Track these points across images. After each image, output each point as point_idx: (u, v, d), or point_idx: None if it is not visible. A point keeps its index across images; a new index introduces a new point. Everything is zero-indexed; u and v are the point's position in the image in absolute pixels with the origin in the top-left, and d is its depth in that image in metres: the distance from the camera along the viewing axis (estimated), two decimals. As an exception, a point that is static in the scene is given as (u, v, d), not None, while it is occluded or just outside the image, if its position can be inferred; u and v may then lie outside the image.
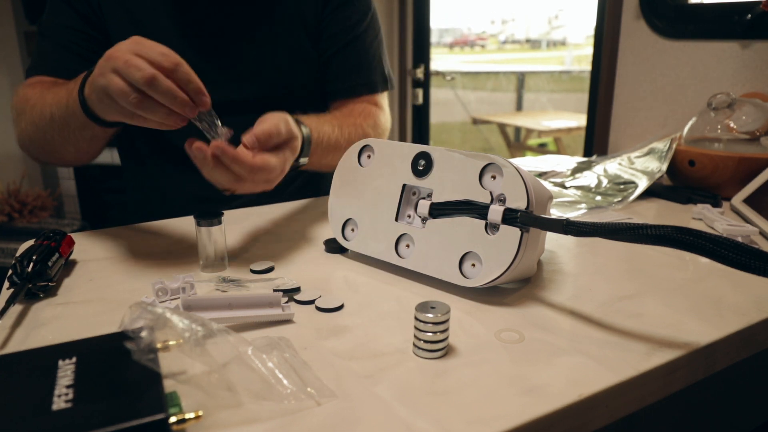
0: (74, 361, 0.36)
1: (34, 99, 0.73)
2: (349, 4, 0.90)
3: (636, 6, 1.31)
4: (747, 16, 1.12)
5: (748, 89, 1.15)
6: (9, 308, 0.49)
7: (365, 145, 0.63)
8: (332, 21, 0.89)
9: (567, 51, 9.55)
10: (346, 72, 0.92)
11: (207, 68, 0.85)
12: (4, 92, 2.72)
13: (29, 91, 0.76)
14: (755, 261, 0.39)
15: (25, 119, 0.74)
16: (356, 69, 0.92)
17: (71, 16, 0.81)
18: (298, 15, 0.88)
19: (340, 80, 0.92)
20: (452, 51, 10.72)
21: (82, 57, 0.81)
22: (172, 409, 0.33)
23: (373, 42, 0.93)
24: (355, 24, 0.90)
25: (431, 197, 0.57)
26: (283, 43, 0.87)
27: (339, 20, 0.89)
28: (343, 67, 0.92)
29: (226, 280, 0.57)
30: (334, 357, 0.43)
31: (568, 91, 7.07)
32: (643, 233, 0.43)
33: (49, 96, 0.70)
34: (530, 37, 10.66)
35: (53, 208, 2.69)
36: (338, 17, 0.89)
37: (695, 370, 0.46)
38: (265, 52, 0.87)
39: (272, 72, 0.88)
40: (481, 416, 0.36)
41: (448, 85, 6.10)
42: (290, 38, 0.88)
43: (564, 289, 0.56)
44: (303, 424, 0.35)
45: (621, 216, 0.82)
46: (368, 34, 0.92)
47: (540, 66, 8.60)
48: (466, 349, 0.44)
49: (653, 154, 0.99)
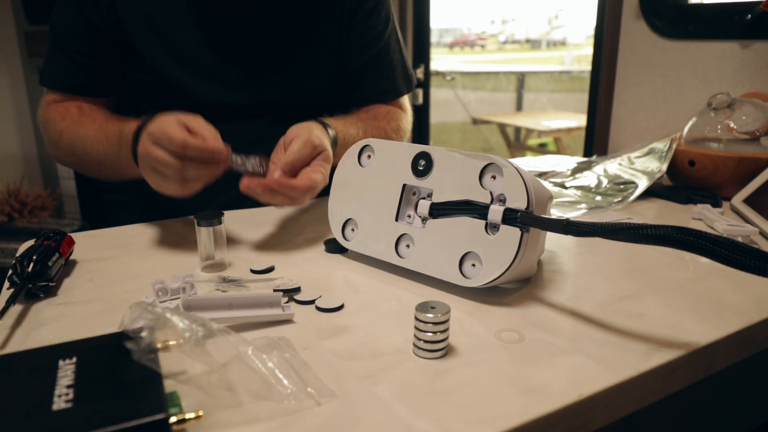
0: (74, 361, 0.36)
1: (63, 126, 0.79)
2: (374, 13, 0.90)
3: (636, 6, 1.31)
4: (747, 16, 1.12)
5: (748, 89, 1.15)
6: (9, 308, 0.49)
7: (365, 146, 0.63)
8: (358, 32, 0.89)
9: (567, 51, 9.55)
10: (373, 82, 0.93)
11: (227, 72, 0.85)
12: (4, 92, 2.72)
13: (53, 113, 0.81)
14: (755, 261, 0.39)
15: (57, 145, 0.80)
16: (382, 78, 0.93)
17: (78, 22, 0.80)
18: (323, 22, 0.87)
19: (366, 89, 0.93)
20: (452, 51, 10.72)
21: (90, 68, 0.82)
22: (173, 409, 0.33)
23: (396, 47, 0.94)
24: (379, 34, 0.90)
25: (431, 197, 0.57)
26: (305, 49, 0.87)
27: (364, 31, 0.89)
28: (370, 78, 0.92)
29: (226, 280, 0.57)
30: (334, 357, 0.43)
31: (568, 91, 7.07)
32: (643, 233, 0.43)
33: (85, 135, 0.76)
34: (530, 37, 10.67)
35: (53, 208, 2.69)
36: (363, 28, 0.89)
37: (695, 370, 0.46)
38: (286, 58, 0.86)
39: (293, 77, 0.88)
40: (481, 416, 0.36)
41: (448, 85, 6.11)
42: (313, 44, 0.87)
43: (564, 289, 0.56)
44: (303, 424, 0.35)
45: (621, 216, 0.82)
46: (392, 40, 0.93)
47: (540, 66, 8.61)
48: (466, 349, 0.44)
49: (653, 154, 0.99)
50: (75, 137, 0.77)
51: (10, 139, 2.77)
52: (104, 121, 0.77)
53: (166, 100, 0.85)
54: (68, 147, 0.78)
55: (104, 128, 0.75)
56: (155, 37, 0.81)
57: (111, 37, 0.81)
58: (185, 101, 0.84)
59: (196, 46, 0.82)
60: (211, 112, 0.84)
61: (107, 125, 0.75)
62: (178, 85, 0.83)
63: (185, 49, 0.82)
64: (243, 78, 0.86)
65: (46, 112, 0.83)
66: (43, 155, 2.82)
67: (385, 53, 0.92)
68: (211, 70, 0.84)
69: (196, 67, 0.83)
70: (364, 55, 0.91)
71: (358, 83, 0.93)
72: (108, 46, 0.82)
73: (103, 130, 0.74)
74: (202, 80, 0.84)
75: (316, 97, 0.91)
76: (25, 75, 2.73)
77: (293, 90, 0.89)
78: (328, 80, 0.91)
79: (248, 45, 0.84)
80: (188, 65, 0.83)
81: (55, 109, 0.82)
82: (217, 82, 0.84)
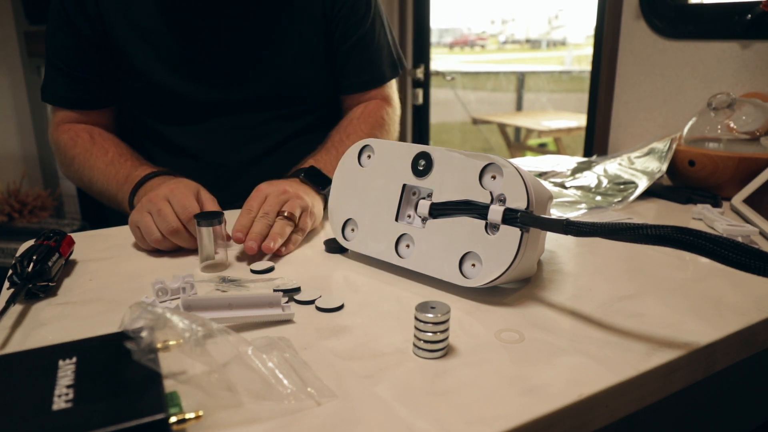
0: (74, 361, 0.36)
1: (74, 153, 0.83)
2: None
3: (636, 6, 1.31)
4: (747, 16, 1.12)
5: (748, 89, 1.15)
6: (9, 308, 0.49)
7: (365, 145, 0.63)
8: (341, 19, 0.89)
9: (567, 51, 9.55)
10: (357, 69, 0.93)
11: (217, 73, 0.85)
12: (4, 92, 2.72)
13: (64, 137, 0.85)
14: (755, 261, 0.39)
15: (69, 169, 0.85)
16: (366, 65, 0.93)
17: (70, 36, 0.82)
18: (305, 12, 0.87)
19: (351, 77, 0.93)
20: (452, 51, 10.72)
21: (87, 82, 0.85)
22: (173, 409, 0.33)
23: (380, 31, 0.94)
24: (362, 18, 0.90)
25: (431, 197, 0.57)
26: (292, 42, 0.87)
27: (347, 17, 0.89)
28: (354, 64, 0.92)
29: (226, 280, 0.57)
30: (334, 357, 0.43)
31: (568, 91, 7.06)
32: (643, 233, 0.43)
33: (94, 166, 0.81)
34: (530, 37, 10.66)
35: (53, 208, 2.69)
36: (346, 14, 0.89)
37: (695, 370, 0.46)
38: (274, 53, 0.87)
39: (283, 71, 0.88)
40: (481, 416, 0.36)
41: (448, 85, 6.10)
42: (300, 36, 0.87)
43: (564, 289, 0.56)
44: (303, 424, 0.35)
45: (621, 216, 0.82)
46: (375, 24, 0.93)
47: (540, 66, 8.60)
48: (466, 349, 0.44)
49: (653, 154, 0.99)
50: (84, 166, 0.81)
51: (10, 139, 2.77)
52: (116, 156, 0.81)
53: (157, 103, 0.85)
54: (77, 173, 0.83)
55: (115, 166, 0.79)
56: (143, 43, 0.82)
57: (102, 48, 0.83)
58: (177, 103, 0.84)
59: (183, 48, 0.83)
60: (204, 111, 0.85)
61: (118, 164, 0.79)
62: (168, 88, 0.84)
63: (171, 52, 0.83)
64: (234, 77, 0.86)
65: (57, 134, 0.85)
66: (43, 155, 2.82)
67: (369, 40, 0.92)
68: (200, 71, 0.84)
69: (186, 70, 0.84)
70: (348, 41, 0.90)
71: (343, 69, 0.93)
72: (101, 56, 0.84)
73: (114, 167, 0.79)
74: (192, 82, 0.84)
75: (307, 89, 0.91)
76: (25, 75, 2.73)
77: (284, 83, 0.89)
78: (318, 70, 0.91)
79: (236, 43, 0.85)
80: (176, 68, 0.83)
81: (66, 132, 0.84)
82: (206, 82, 0.85)
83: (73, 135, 0.84)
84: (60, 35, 0.83)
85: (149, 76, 0.83)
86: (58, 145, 0.85)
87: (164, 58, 0.83)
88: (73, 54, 0.83)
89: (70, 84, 0.84)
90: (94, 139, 0.83)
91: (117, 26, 0.81)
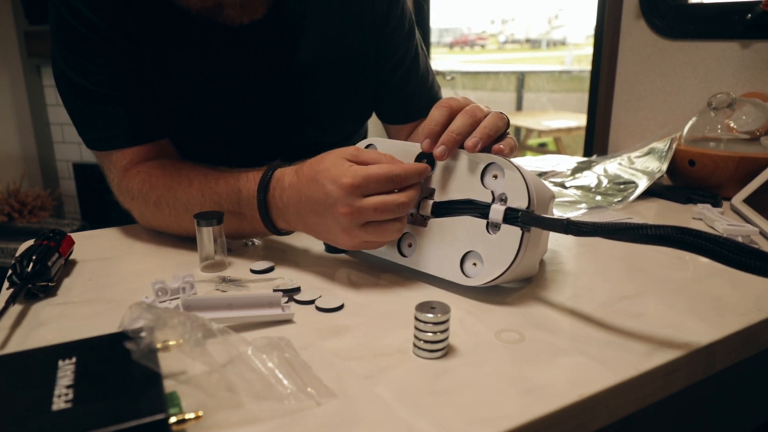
0: (74, 361, 0.36)
1: (156, 196, 0.67)
2: (398, 30, 0.84)
3: (636, 6, 1.31)
4: (747, 16, 1.12)
5: (748, 89, 1.15)
6: (9, 308, 0.49)
7: (368, 145, 0.63)
8: (386, 54, 0.85)
9: (567, 51, 9.54)
10: (404, 100, 0.89)
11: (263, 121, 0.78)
12: (4, 92, 2.72)
13: (136, 183, 0.69)
14: (755, 261, 0.39)
15: (156, 217, 0.69)
16: (413, 96, 0.89)
17: (104, 51, 0.68)
18: (353, 52, 0.82)
19: (398, 108, 0.90)
20: (452, 51, 10.71)
21: (136, 108, 0.71)
22: (172, 409, 0.33)
23: (424, 62, 0.90)
24: (405, 52, 0.86)
25: (433, 196, 0.57)
26: (337, 86, 0.82)
27: (392, 52, 0.85)
28: (401, 96, 0.89)
29: (226, 280, 0.57)
30: (334, 357, 0.43)
31: (568, 91, 7.06)
32: (643, 233, 0.43)
33: (188, 200, 0.66)
34: (530, 36, 10.65)
35: (53, 208, 2.69)
36: (390, 49, 0.84)
37: (695, 370, 0.46)
38: (319, 97, 0.81)
39: (333, 116, 0.84)
40: (481, 416, 0.36)
41: (448, 84, 6.09)
42: (344, 76, 0.82)
43: (564, 289, 0.56)
44: (303, 424, 0.35)
45: (621, 216, 0.82)
46: (419, 56, 0.88)
47: (540, 66, 8.59)
48: (466, 349, 0.44)
49: (653, 154, 0.99)
50: (176, 204, 0.66)
51: (10, 139, 2.78)
52: (203, 180, 0.66)
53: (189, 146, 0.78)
54: (172, 216, 0.68)
55: (211, 191, 0.65)
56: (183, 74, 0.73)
57: (137, 59, 0.70)
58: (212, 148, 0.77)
59: (232, 100, 0.76)
60: (241, 156, 0.73)
61: (212, 186, 0.65)
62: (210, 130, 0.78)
63: (220, 99, 0.76)
64: (275, 122, 0.80)
65: (125, 181, 0.70)
66: (43, 155, 2.82)
67: (414, 72, 0.88)
68: (243, 123, 0.79)
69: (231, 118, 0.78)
70: (393, 75, 0.86)
71: (389, 100, 0.89)
72: (137, 69, 0.71)
73: (211, 193, 0.65)
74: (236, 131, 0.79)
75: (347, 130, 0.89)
76: (25, 75, 2.74)
77: (327, 130, 0.85)
78: (361, 115, 0.90)
79: (275, 89, 0.78)
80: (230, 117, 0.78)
81: (136, 176, 0.69)
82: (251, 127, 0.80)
83: (145, 177, 0.69)
84: (87, 61, 0.68)
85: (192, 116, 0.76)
86: (132, 193, 0.69)
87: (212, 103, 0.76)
88: (113, 73, 0.69)
89: (128, 113, 0.70)
90: (167, 171, 0.68)
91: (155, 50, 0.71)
